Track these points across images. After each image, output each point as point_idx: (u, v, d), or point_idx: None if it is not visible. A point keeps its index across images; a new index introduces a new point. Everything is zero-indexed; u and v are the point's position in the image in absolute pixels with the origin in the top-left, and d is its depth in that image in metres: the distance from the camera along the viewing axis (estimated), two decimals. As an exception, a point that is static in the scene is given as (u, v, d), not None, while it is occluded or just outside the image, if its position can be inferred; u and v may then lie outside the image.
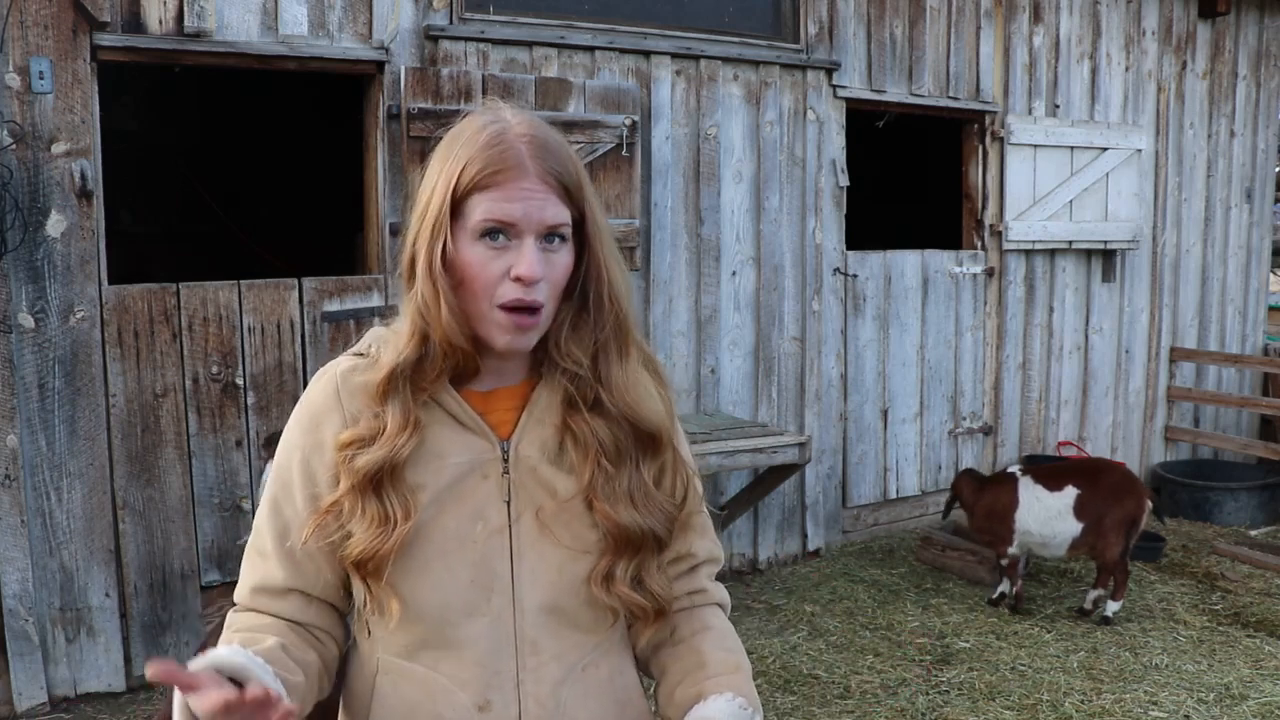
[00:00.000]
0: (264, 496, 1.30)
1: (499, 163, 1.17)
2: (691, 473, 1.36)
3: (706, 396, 5.12)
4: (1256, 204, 7.16)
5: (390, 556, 1.18)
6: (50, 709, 3.73)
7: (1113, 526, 4.46)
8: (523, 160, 1.17)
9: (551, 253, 1.20)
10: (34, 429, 3.67)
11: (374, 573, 1.19)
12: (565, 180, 1.20)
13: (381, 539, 1.18)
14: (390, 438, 1.20)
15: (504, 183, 1.16)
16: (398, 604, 1.21)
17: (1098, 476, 4.60)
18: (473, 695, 1.24)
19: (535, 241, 1.17)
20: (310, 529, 1.22)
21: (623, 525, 1.23)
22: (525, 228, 1.17)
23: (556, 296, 1.22)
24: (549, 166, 1.19)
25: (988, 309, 6.07)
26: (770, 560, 5.39)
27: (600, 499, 1.24)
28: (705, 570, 1.41)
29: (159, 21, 3.77)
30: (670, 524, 1.29)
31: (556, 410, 1.27)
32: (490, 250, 1.17)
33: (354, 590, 1.27)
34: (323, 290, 4.15)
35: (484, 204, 1.16)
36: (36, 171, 3.60)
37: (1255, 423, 7.24)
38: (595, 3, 4.75)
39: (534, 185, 1.17)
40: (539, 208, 1.17)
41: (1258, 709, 3.69)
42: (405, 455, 1.20)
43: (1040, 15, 6.03)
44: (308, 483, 1.25)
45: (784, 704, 3.79)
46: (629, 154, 4.61)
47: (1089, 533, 4.50)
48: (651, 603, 1.28)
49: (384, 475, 1.19)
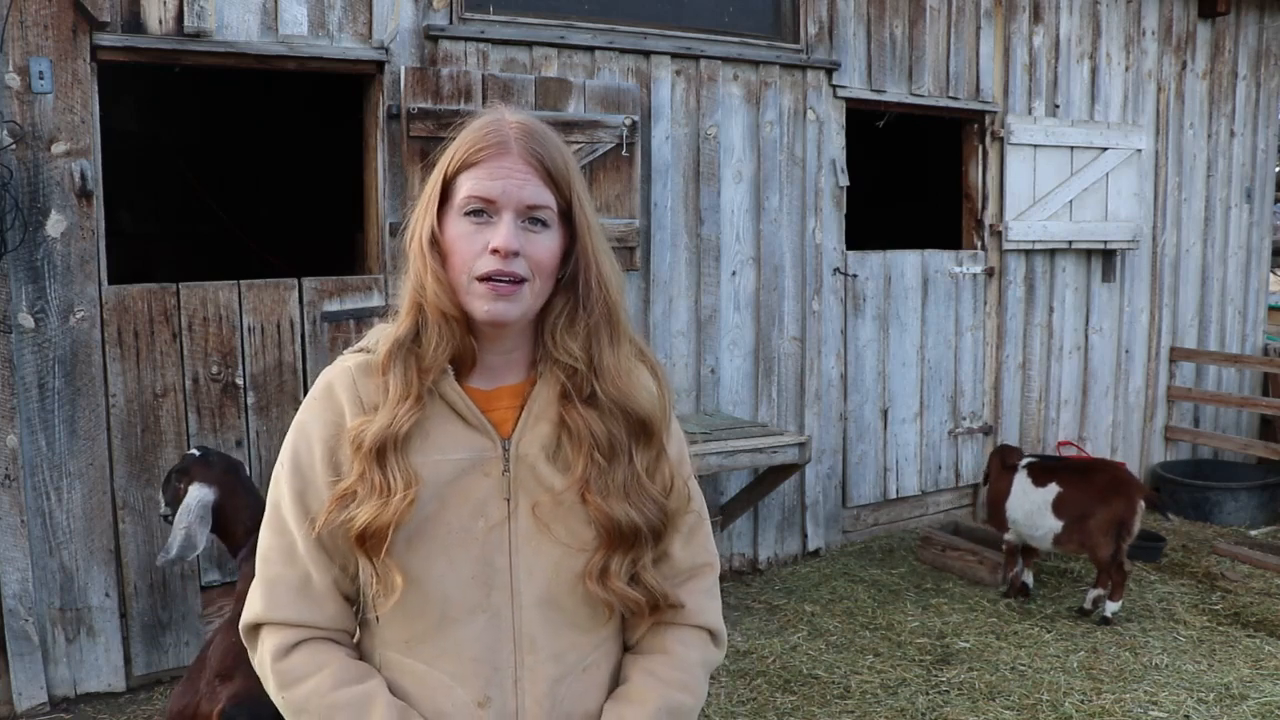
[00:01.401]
0: (280, 495, 1.28)
1: (484, 142, 1.23)
2: (688, 475, 1.37)
3: (706, 396, 5.12)
4: (1256, 204, 7.16)
5: (389, 527, 1.19)
6: (50, 709, 3.73)
7: (1099, 527, 4.49)
8: (507, 141, 1.23)
9: (533, 233, 1.23)
10: (34, 429, 3.67)
11: (376, 547, 1.20)
12: (549, 165, 1.24)
13: (382, 509, 1.19)
14: (392, 406, 1.22)
15: (487, 160, 1.22)
16: (401, 578, 1.21)
17: (1087, 476, 4.65)
18: (472, 691, 1.25)
19: (514, 218, 1.21)
20: (324, 516, 1.22)
21: (615, 519, 1.24)
22: (504, 204, 1.21)
23: (544, 278, 1.24)
24: (532, 149, 1.23)
25: (988, 309, 6.07)
26: (770, 560, 5.39)
27: (593, 493, 1.25)
28: (692, 584, 1.36)
29: (159, 21, 3.77)
30: (663, 516, 1.30)
31: (554, 407, 1.28)
32: (472, 226, 1.22)
33: (362, 575, 1.27)
34: (323, 290, 4.15)
35: (469, 182, 1.22)
36: (36, 171, 3.60)
37: (1255, 423, 7.24)
38: (595, 3, 4.75)
39: (515, 164, 1.22)
40: (518, 186, 1.21)
41: (1258, 709, 3.69)
42: (407, 426, 1.21)
43: (1040, 15, 6.03)
44: (332, 472, 1.25)
45: (784, 704, 3.79)
46: (629, 154, 4.61)
47: (1071, 530, 4.56)
48: (647, 597, 1.28)
49: (387, 445, 1.21)
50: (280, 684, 1.23)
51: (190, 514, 2.98)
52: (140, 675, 3.93)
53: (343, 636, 1.29)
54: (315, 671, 1.22)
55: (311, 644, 1.25)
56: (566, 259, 1.27)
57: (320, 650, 1.24)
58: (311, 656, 1.24)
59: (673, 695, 1.29)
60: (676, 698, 1.29)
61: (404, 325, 1.26)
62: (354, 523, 1.20)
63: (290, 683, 1.22)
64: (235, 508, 3.14)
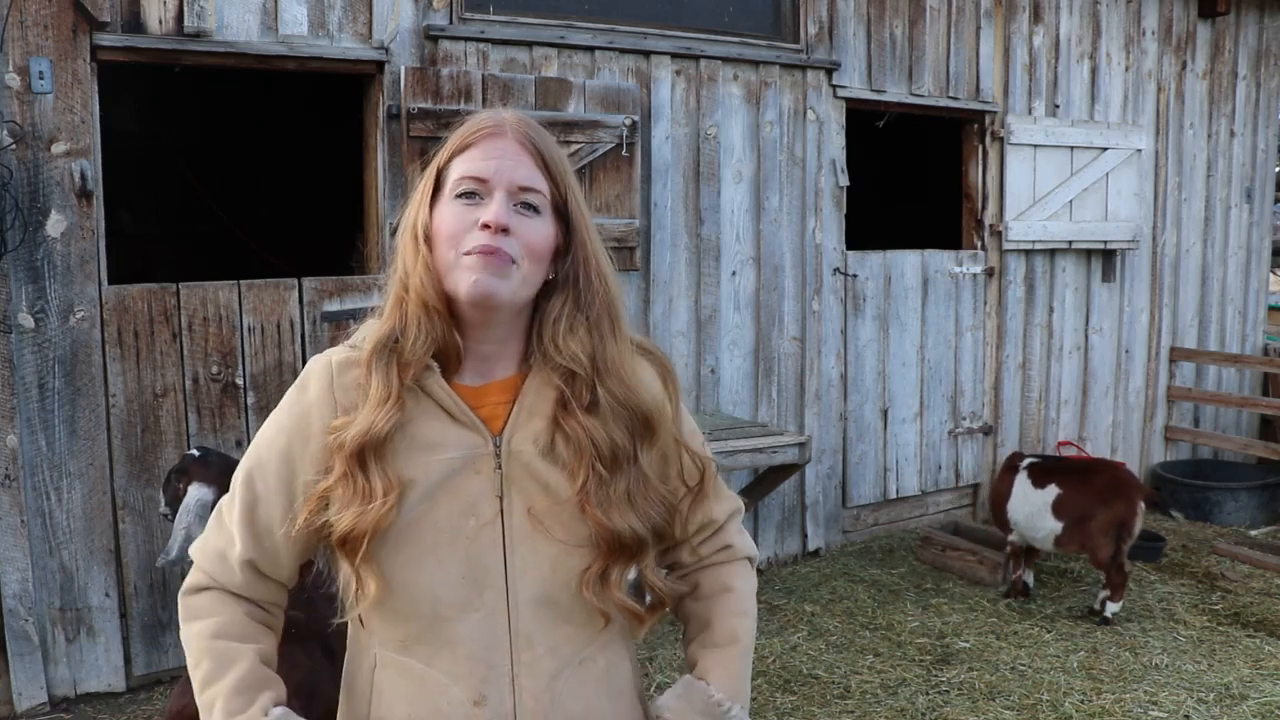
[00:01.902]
0: (239, 466, 1.32)
1: (479, 126, 1.24)
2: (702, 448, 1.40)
3: (706, 396, 5.12)
4: (1256, 204, 7.16)
5: (367, 534, 1.19)
6: (50, 709, 3.73)
7: (1099, 529, 4.49)
8: (502, 124, 1.24)
9: (524, 217, 1.22)
10: (34, 429, 3.67)
11: (353, 551, 1.21)
12: (544, 152, 1.24)
13: (361, 516, 1.19)
14: (372, 408, 1.21)
15: (480, 141, 1.23)
16: (375, 585, 1.21)
17: (1087, 478, 4.64)
18: (468, 690, 1.24)
19: (506, 197, 1.21)
20: (301, 518, 1.24)
21: (616, 532, 1.23)
22: (496, 183, 1.21)
23: (533, 263, 1.23)
24: (527, 134, 1.24)
25: (988, 309, 6.07)
26: (770, 560, 5.39)
27: (593, 505, 1.23)
28: (730, 526, 1.46)
29: (159, 21, 3.77)
30: (671, 514, 1.30)
31: (548, 403, 1.27)
32: (464, 207, 1.22)
33: (342, 575, 1.28)
34: (323, 290, 4.15)
35: (461, 165, 1.23)
36: (36, 171, 3.60)
37: (1255, 423, 7.24)
38: (595, 3, 4.75)
39: (508, 145, 1.22)
40: (511, 166, 1.21)
41: (1258, 709, 3.69)
42: (386, 429, 1.20)
43: (1040, 15, 6.03)
44: (284, 465, 1.27)
45: (784, 704, 3.79)
46: (629, 154, 4.61)
47: (1072, 531, 4.56)
48: (648, 602, 1.28)
49: (367, 449, 1.20)
50: (182, 616, 1.32)
51: (190, 514, 2.98)
52: (140, 675, 3.93)
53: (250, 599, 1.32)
54: (207, 616, 1.29)
55: (217, 592, 1.31)
56: (561, 256, 1.26)
57: (221, 600, 1.30)
58: (210, 602, 1.30)
59: (748, 626, 1.43)
60: (749, 626, 1.44)
61: (386, 324, 1.25)
62: (335, 527, 1.21)
63: (187, 618, 1.31)
64: None
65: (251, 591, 1.31)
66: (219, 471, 3.17)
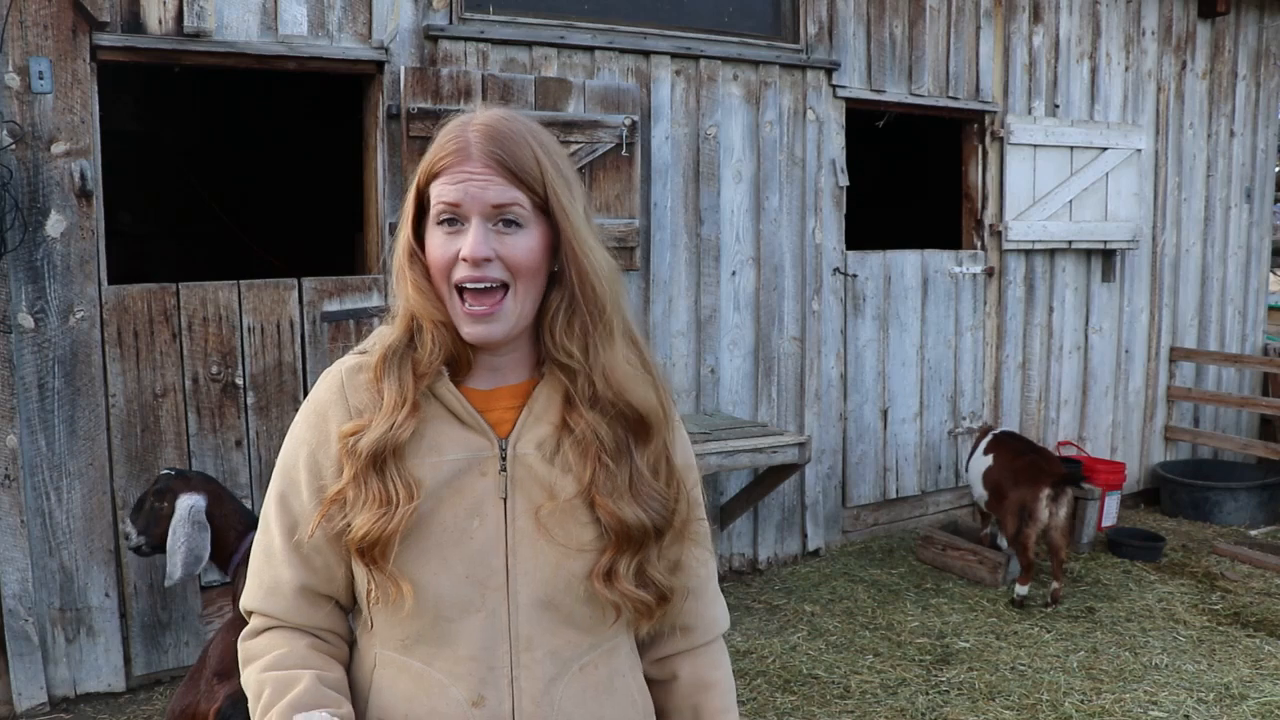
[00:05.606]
0: (269, 494, 1.32)
1: (445, 150, 1.23)
2: (694, 483, 1.38)
3: (706, 396, 5.12)
4: (1256, 204, 7.15)
5: (395, 538, 1.20)
6: (50, 709, 3.73)
7: (1009, 507, 4.81)
8: (467, 146, 1.22)
9: (506, 235, 1.22)
10: (34, 429, 3.67)
11: (380, 556, 1.21)
12: (512, 165, 1.22)
13: (385, 520, 1.20)
14: (388, 414, 1.22)
15: (450, 167, 1.22)
16: (408, 585, 1.22)
17: (1016, 458, 4.94)
18: (466, 691, 1.25)
19: (481, 222, 1.21)
20: (316, 520, 1.25)
21: (626, 521, 1.24)
22: (469, 209, 1.21)
23: (527, 279, 1.23)
24: (491, 151, 1.22)
25: (987, 309, 6.07)
26: (770, 560, 5.39)
27: (603, 495, 1.24)
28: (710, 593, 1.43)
29: (159, 21, 3.77)
30: (668, 511, 1.30)
31: (556, 409, 1.28)
32: (446, 236, 1.22)
33: (357, 580, 1.28)
34: (322, 290, 4.15)
35: (437, 190, 1.22)
36: (36, 171, 3.60)
37: (1255, 423, 7.24)
38: (595, 3, 4.75)
39: (475, 168, 1.21)
40: (481, 189, 1.20)
41: (1258, 709, 3.69)
42: (405, 435, 1.22)
43: (1040, 15, 6.03)
44: (314, 477, 1.27)
45: (784, 704, 3.79)
46: (629, 154, 4.61)
47: (991, 502, 4.98)
48: (654, 594, 1.29)
49: (386, 454, 1.21)
50: (242, 661, 1.30)
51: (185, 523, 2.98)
52: (140, 675, 3.93)
53: (311, 630, 1.30)
54: (265, 653, 1.28)
55: (275, 630, 1.30)
56: (555, 254, 1.26)
57: (280, 636, 1.29)
58: (269, 640, 1.29)
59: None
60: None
61: (398, 332, 1.27)
62: (352, 531, 1.21)
63: (246, 661, 1.29)
64: (225, 514, 3.16)
65: (310, 620, 1.29)
66: (202, 480, 3.19)
